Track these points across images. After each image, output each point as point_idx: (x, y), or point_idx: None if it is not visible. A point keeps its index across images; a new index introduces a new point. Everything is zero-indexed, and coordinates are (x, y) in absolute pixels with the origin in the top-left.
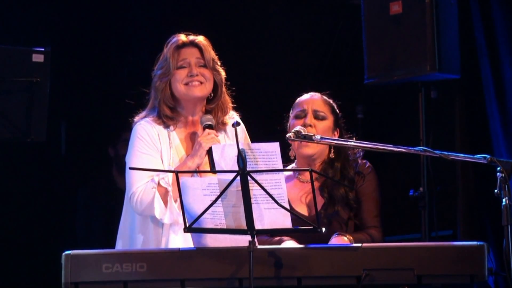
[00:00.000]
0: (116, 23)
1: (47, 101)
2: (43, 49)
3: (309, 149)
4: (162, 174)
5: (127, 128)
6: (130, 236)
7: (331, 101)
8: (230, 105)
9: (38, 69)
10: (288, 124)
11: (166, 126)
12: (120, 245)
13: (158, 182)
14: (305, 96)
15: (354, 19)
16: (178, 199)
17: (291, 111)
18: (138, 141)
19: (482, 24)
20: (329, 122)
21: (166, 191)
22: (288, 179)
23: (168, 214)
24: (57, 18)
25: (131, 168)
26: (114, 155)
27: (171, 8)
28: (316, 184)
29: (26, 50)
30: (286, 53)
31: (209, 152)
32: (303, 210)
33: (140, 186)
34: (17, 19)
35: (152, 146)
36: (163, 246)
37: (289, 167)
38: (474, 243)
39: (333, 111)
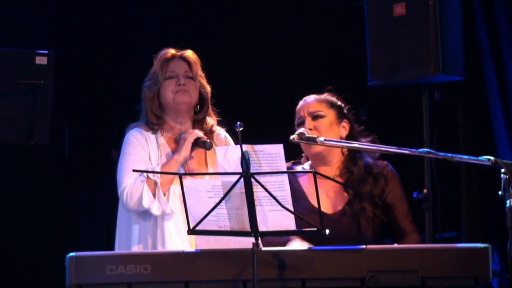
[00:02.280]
0: (120, 26)
1: (50, 103)
2: (46, 52)
3: (316, 147)
4: (150, 168)
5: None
6: (127, 230)
7: (328, 97)
8: (215, 117)
9: (42, 71)
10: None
11: (154, 132)
12: (118, 236)
13: (147, 176)
14: (300, 103)
15: (358, 20)
16: (167, 193)
17: None
18: (127, 145)
19: (486, 25)
20: (329, 117)
21: (155, 183)
22: (305, 175)
23: (157, 203)
24: (61, 21)
25: (134, 170)
26: (117, 157)
27: (175, 10)
28: (340, 180)
29: (30, 53)
30: (289, 55)
31: (194, 144)
32: (326, 207)
33: (129, 182)
34: (21, 22)
35: (139, 147)
36: (159, 237)
37: (304, 165)
38: (479, 245)
39: (332, 105)
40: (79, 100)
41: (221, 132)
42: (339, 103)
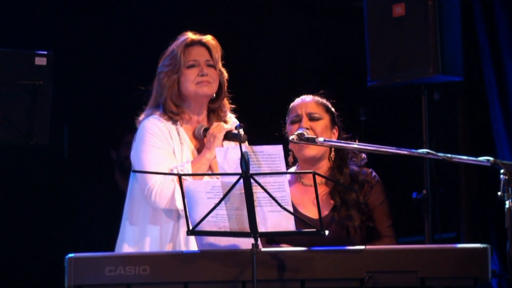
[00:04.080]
0: (119, 26)
1: (49, 104)
2: (45, 52)
3: (311, 150)
4: (180, 166)
5: (129, 131)
6: (142, 227)
7: (324, 100)
8: (229, 105)
9: (41, 72)
10: (286, 130)
11: (174, 122)
12: (130, 231)
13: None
14: (297, 101)
15: (357, 21)
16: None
17: (287, 117)
18: (150, 136)
19: (485, 26)
20: (325, 121)
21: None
22: (290, 183)
23: None
24: (60, 21)
25: (133, 171)
26: (116, 158)
27: (173, 11)
28: (327, 188)
29: (29, 53)
30: (288, 56)
31: (225, 137)
32: (314, 213)
33: (157, 180)
34: (20, 22)
35: (165, 140)
36: (181, 236)
37: (290, 170)
38: (478, 245)
39: (327, 110)
40: (78, 100)
41: (233, 120)
42: (333, 109)
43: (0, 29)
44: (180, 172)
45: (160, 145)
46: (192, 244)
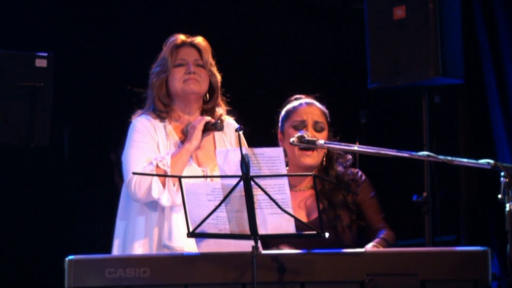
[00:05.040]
0: (119, 29)
1: (50, 106)
2: (46, 54)
3: (310, 159)
4: (160, 158)
5: None
6: (131, 220)
7: (323, 108)
8: (224, 107)
9: (41, 74)
10: (282, 131)
11: (162, 120)
12: (120, 226)
13: (157, 165)
14: (301, 105)
15: (358, 24)
16: (177, 183)
17: (283, 115)
18: (135, 133)
19: (486, 28)
20: (326, 131)
21: (165, 173)
22: None
23: (166, 194)
24: (60, 23)
25: (134, 173)
26: (116, 160)
27: (173, 12)
28: (314, 192)
29: (29, 55)
30: (289, 59)
31: (204, 130)
32: (302, 216)
33: (137, 170)
34: (20, 24)
35: (148, 135)
36: (166, 229)
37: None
38: (478, 248)
39: (327, 119)
40: (78, 102)
41: (230, 121)
42: (329, 119)
43: (0, 31)
44: (159, 162)
45: (143, 140)
46: (176, 236)
